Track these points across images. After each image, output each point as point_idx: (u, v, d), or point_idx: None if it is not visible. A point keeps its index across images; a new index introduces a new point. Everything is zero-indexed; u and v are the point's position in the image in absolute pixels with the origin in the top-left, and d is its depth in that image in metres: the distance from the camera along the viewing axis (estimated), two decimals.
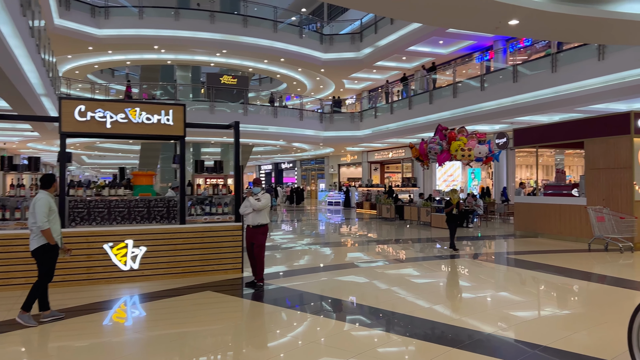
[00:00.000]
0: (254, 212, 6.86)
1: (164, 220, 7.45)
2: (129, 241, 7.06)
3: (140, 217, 7.33)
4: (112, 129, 6.93)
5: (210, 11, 24.10)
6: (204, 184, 7.82)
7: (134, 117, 6.95)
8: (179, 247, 7.37)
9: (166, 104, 7.29)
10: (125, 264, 7.10)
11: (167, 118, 7.13)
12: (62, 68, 27.17)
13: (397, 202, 20.09)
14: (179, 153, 7.50)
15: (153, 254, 7.24)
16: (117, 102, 7.01)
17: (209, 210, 7.76)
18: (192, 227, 7.45)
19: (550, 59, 15.57)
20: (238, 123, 7.85)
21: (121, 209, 7.18)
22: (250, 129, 25.38)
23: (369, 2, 7.83)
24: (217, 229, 7.58)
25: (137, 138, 7.39)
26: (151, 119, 7.06)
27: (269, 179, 51.93)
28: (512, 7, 7.51)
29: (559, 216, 12.85)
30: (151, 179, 7.58)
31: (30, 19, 12.24)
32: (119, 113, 6.91)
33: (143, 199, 7.30)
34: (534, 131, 14.09)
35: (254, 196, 6.91)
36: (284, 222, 20.83)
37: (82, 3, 22.16)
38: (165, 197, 7.42)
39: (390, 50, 23.86)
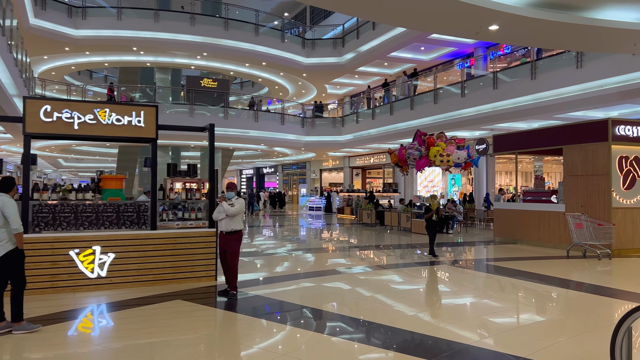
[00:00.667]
0: (228, 218, 6.63)
1: (134, 226, 7.17)
2: (97, 247, 6.76)
3: (109, 222, 7.02)
4: (79, 131, 6.63)
5: (190, 13, 23.80)
6: (181, 187, 7.56)
7: (104, 118, 6.66)
8: (149, 253, 7.09)
9: (137, 104, 7.03)
10: (93, 271, 6.79)
11: (139, 119, 6.86)
12: (38, 69, 26.55)
13: (377, 208, 20.00)
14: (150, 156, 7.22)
15: (122, 261, 6.94)
16: (86, 103, 6.73)
17: (181, 216, 7.50)
18: (163, 232, 7.17)
19: (529, 66, 15.69)
20: (213, 126, 7.62)
21: (88, 214, 6.87)
22: (231, 133, 25.09)
23: (349, 5, 7.70)
24: (189, 235, 7.32)
25: (106, 140, 7.11)
26: (121, 120, 6.78)
27: (250, 183, 51.52)
28: (492, 13, 7.46)
29: (538, 223, 12.86)
30: (121, 183, 7.30)
31: (1, 18, 11.87)
32: (87, 114, 6.62)
33: (112, 203, 7.01)
34: (514, 137, 14.13)
35: (228, 201, 6.69)
36: (264, 228, 20.56)
37: (58, 3, 21.67)
38: (135, 202, 7.14)
39: (372, 56, 23.86)
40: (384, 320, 5.72)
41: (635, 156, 11.31)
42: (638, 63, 12.26)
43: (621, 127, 11.11)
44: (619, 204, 11.08)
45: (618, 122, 11.17)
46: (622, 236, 11.07)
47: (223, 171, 32.66)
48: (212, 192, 7.50)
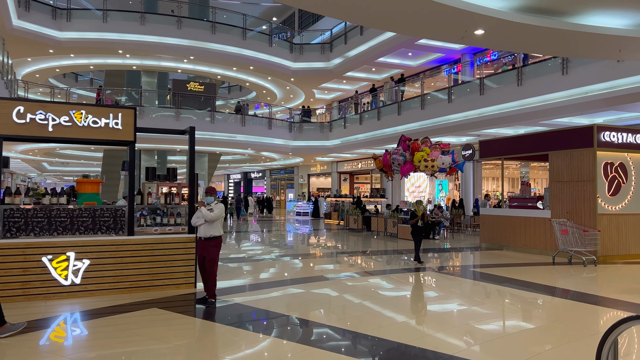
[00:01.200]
0: (206, 224, 6.45)
1: (110, 231, 6.94)
2: (71, 253, 6.52)
3: (84, 227, 6.79)
4: (54, 133, 6.40)
5: (177, 16, 23.61)
6: (161, 191, 7.36)
7: (79, 120, 6.45)
8: (126, 259, 6.86)
9: (115, 106, 6.83)
10: (66, 278, 6.56)
11: (116, 122, 6.65)
12: (22, 71, 26.14)
13: (364, 213, 19.89)
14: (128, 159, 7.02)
15: (97, 267, 6.71)
16: (61, 104, 6.52)
17: (160, 221, 7.30)
18: (141, 238, 6.96)
19: (516, 72, 15.73)
20: (193, 129, 7.44)
21: (63, 219, 6.63)
22: (217, 137, 24.89)
23: (335, 9, 7.60)
24: (168, 241, 7.11)
25: (82, 143, 6.89)
26: (98, 122, 6.57)
27: (238, 188, 51.20)
28: (478, 17, 7.40)
29: (524, 229, 12.84)
30: (97, 187, 7.07)
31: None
32: (62, 115, 6.39)
33: (88, 208, 6.78)
34: (500, 143, 14.13)
35: (207, 206, 6.51)
36: (250, 233, 20.34)
37: (42, 4, 21.36)
38: (112, 207, 6.92)
39: (360, 61, 23.85)
40: (368, 329, 5.57)
41: (620, 162, 11.34)
42: (622, 70, 12.33)
43: (606, 134, 11.14)
44: (604, 210, 11.08)
45: (603, 129, 11.19)
46: (608, 242, 11.07)
47: (210, 176, 32.38)
48: (192, 196, 7.31)
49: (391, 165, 10.20)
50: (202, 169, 30.73)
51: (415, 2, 6.83)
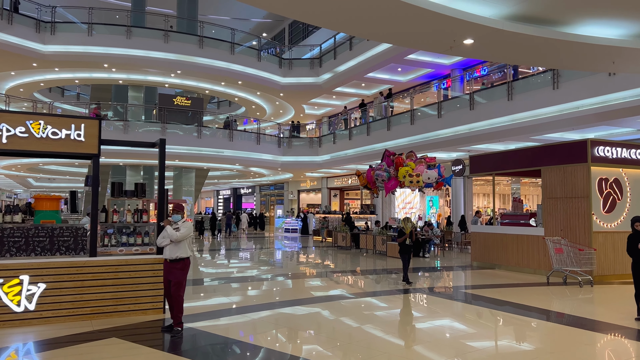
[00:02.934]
0: (172, 244, 5.93)
1: (70, 252, 6.39)
2: (25, 277, 5.96)
3: (41, 248, 6.23)
4: (8, 145, 5.88)
5: (164, 30, 23.28)
6: (127, 210, 6.83)
7: (37, 131, 5.95)
8: (87, 283, 6.30)
9: (78, 117, 6.35)
10: (19, 304, 5.98)
11: (78, 133, 6.15)
12: (5, 85, 25.60)
13: (352, 230, 19.39)
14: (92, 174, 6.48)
15: (54, 292, 6.15)
16: (17, 113, 6.02)
17: (126, 241, 6.76)
18: (104, 259, 6.41)
19: (506, 86, 15.50)
20: (164, 141, 6.97)
21: (17, 239, 6.06)
22: (204, 152, 24.42)
23: (318, 16, 7.25)
24: (134, 262, 6.56)
25: (40, 156, 6.41)
26: (58, 133, 6.07)
27: (227, 204, 50.57)
28: (467, 25, 7.05)
29: (516, 247, 12.40)
30: (56, 204, 6.55)
31: None
32: (18, 126, 5.88)
33: (45, 226, 6.23)
34: (490, 158, 13.77)
35: (173, 225, 6.00)
36: (237, 250, 19.74)
37: (26, 17, 20.95)
38: (72, 225, 6.38)
39: (349, 76, 23.61)
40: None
41: (615, 178, 10.99)
42: (613, 85, 12.07)
43: (600, 148, 10.80)
44: (599, 227, 10.68)
45: (597, 143, 10.85)
46: (604, 262, 10.65)
47: (197, 192, 31.81)
48: (161, 214, 6.80)
49: (375, 181, 9.74)
50: (189, 185, 30.17)
51: (401, 9, 6.46)
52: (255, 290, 10.05)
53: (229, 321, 6.89)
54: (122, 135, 23.04)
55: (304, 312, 7.58)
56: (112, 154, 23.29)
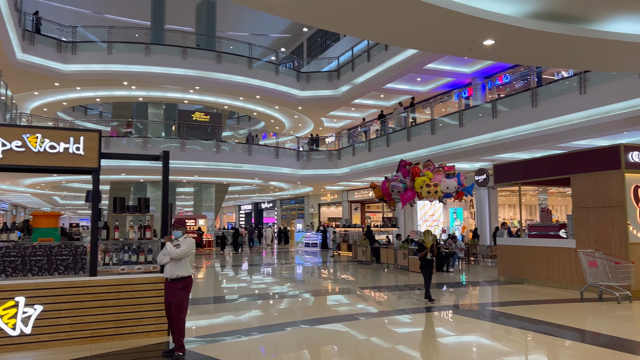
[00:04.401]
0: (172, 262, 5.59)
1: (69, 272, 6.11)
2: (20, 298, 5.68)
3: (38, 267, 5.96)
4: (4, 160, 5.65)
5: (182, 47, 23.39)
6: (130, 227, 6.54)
7: (34, 145, 5.72)
8: (87, 304, 5.99)
9: (77, 129, 6.13)
10: (14, 327, 5.69)
11: (77, 147, 5.90)
12: (30, 105, 26.09)
13: (373, 244, 18.84)
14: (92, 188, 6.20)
15: (52, 314, 5.84)
16: (14, 127, 5.81)
17: (128, 259, 6.46)
18: (104, 279, 6.11)
19: (530, 93, 14.92)
20: (167, 154, 6.68)
21: (12, 258, 5.81)
22: (223, 167, 24.31)
23: (335, 22, 6.94)
24: (137, 282, 6.24)
25: (38, 171, 6.17)
26: (56, 147, 5.83)
27: (249, 219, 50.49)
28: (487, 24, 6.61)
29: (546, 260, 11.72)
30: (55, 221, 6.30)
31: None
32: (14, 140, 5.67)
33: (43, 245, 5.97)
34: (516, 167, 13.15)
35: (174, 241, 5.67)
36: (255, 265, 19.39)
37: (47, 38, 21.30)
38: (71, 243, 6.11)
39: (368, 88, 23.30)
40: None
41: None
42: None
43: (634, 154, 10.12)
44: (636, 238, 9.96)
45: (631, 148, 10.18)
46: None
47: (218, 207, 31.73)
48: (165, 230, 6.48)
49: (391, 193, 9.25)
50: (210, 200, 30.12)
51: (418, 9, 6.08)
52: (273, 307, 9.66)
53: (242, 342, 6.48)
54: (141, 151, 23.08)
55: (325, 331, 7.15)
56: (133, 171, 23.38)
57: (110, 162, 22.21)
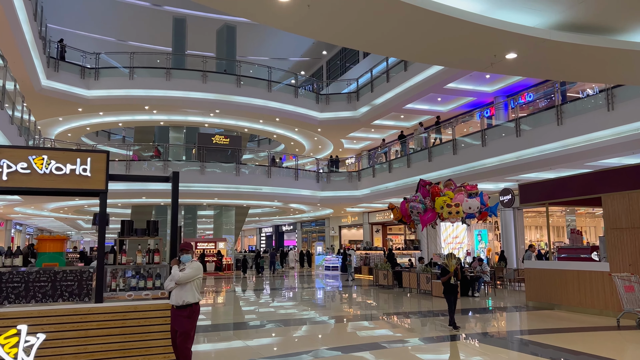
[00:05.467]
0: (178, 287, 5.32)
1: (74, 298, 5.87)
2: (23, 327, 5.45)
3: (42, 294, 5.74)
4: (9, 182, 5.50)
5: (202, 71, 23.63)
6: (138, 251, 6.31)
7: (40, 167, 5.57)
8: (92, 332, 5.73)
9: (84, 150, 5.98)
10: (16, 357, 5.45)
11: (84, 168, 5.74)
12: (54, 131, 26.62)
13: (395, 268, 18.31)
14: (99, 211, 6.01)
15: (55, 343, 5.58)
16: (20, 148, 5.70)
17: (135, 284, 6.21)
18: (110, 306, 5.85)
19: (555, 110, 14.46)
20: (177, 174, 6.48)
21: (15, 284, 5.60)
22: (243, 189, 24.22)
23: (359, 42, 6.77)
24: (144, 309, 5.96)
25: (44, 194, 6.02)
26: (63, 169, 5.68)
27: (270, 242, 50.26)
28: (510, 36, 6.33)
29: (577, 284, 11.09)
30: (61, 245, 6.11)
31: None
32: (19, 162, 5.52)
33: (47, 270, 5.76)
34: (542, 187, 12.64)
35: (181, 265, 5.40)
36: (275, 289, 19.02)
37: (71, 64, 21.76)
38: (76, 269, 5.89)
39: (387, 109, 23.08)
40: None
41: None
42: None
43: None
44: None
45: None
46: None
47: (238, 230, 31.58)
48: (174, 254, 6.23)
49: (410, 214, 8.87)
50: (230, 223, 30.01)
51: (438, 22, 5.83)
52: (293, 333, 9.29)
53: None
54: (161, 175, 23.16)
55: (348, 359, 6.77)
56: (154, 194, 23.45)
57: (131, 186, 22.43)
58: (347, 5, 5.58)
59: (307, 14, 5.70)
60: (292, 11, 5.59)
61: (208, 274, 25.96)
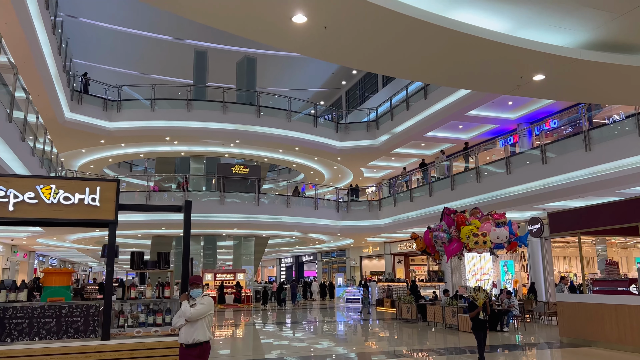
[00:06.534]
0: (188, 325, 4.98)
1: (79, 335, 5.58)
2: None
3: (46, 330, 5.46)
4: (15, 213, 5.32)
5: (222, 102, 23.82)
6: (148, 285, 6.01)
7: (48, 196, 5.38)
8: None
9: (93, 179, 5.82)
10: None
11: (93, 197, 5.53)
12: (77, 163, 27.00)
13: (418, 300, 17.64)
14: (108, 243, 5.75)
15: None
16: (27, 178, 5.54)
17: (144, 320, 5.89)
18: (117, 343, 5.54)
19: (582, 137, 13.96)
20: (189, 204, 6.23)
21: (19, 320, 5.34)
22: (262, 219, 24.01)
23: (379, 65, 6.56)
24: (152, 346, 5.62)
25: (51, 224, 5.82)
26: (71, 198, 5.48)
27: (290, 273, 49.65)
28: (537, 56, 6.03)
29: (615, 319, 10.39)
30: (67, 279, 5.85)
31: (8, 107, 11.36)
32: (27, 191, 5.34)
33: (52, 305, 5.48)
34: (574, 215, 12.05)
35: (191, 300, 5.08)
36: (294, 322, 18.48)
37: (94, 97, 22.16)
38: (83, 304, 5.61)
39: (408, 137, 22.84)
40: None
41: None
42: None
43: None
44: None
45: None
46: None
47: (257, 260, 31.23)
48: (186, 286, 5.92)
49: (434, 244, 8.45)
50: (249, 254, 29.71)
51: (462, 43, 5.57)
52: None
53: None
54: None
55: None
56: (174, 225, 23.36)
57: (151, 217, 22.41)
58: (366, 26, 5.37)
59: (323, 36, 5.49)
60: (309, 33, 5.40)
61: (227, 306, 25.54)
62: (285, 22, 5.15)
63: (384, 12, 5.04)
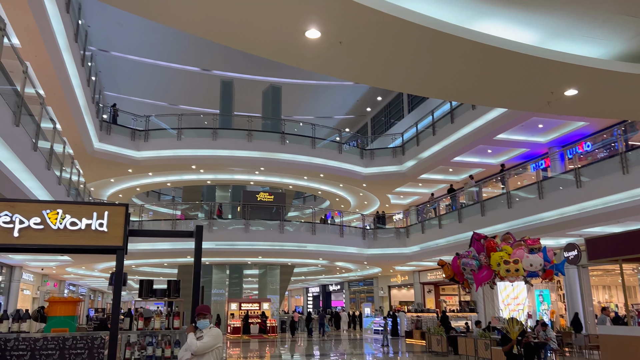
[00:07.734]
0: (195, 358, 4.65)
1: None
2: None
3: None
4: (20, 239, 5.13)
5: (247, 130, 23.94)
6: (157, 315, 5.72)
7: (54, 222, 5.21)
8: None
9: (101, 204, 5.65)
10: None
11: (101, 222, 5.32)
12: (106, 192, 27.41)
13: (449, 332, 16.84)
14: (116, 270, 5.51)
15: None
16: (33, 202, 5.40)
17: (152, 352, 5.57)
18: None
19: (619, 159, 13.28)
20: (201, 228, 5.96)
21: (21, 352, 5.08)
22: (287, 247, 23.73)
23: (398, 82, 6.29)
24: None
25: (57, 251, 5.64)
26: (78, 224, 5.28)
27: (317, 302, 48.81)
28: (569, 69, 5.65)
29: None
30: (73, 308, 5.62)
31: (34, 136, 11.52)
32: (32, 217, 5.17)
33: (56, 336, 5.22)
34: (614, 240, 11.33)
35: (198, 332, 4.76)
36: (324, 355, 17.88)
37: (122, 127, 22.57)
38: (87, 335, 5.34)
39: (434, 162, 22.35)
40: None
41: None
42: None
43: None
44: None
45: None
46: None
47: (283, 290, 30.76)
48: (194, 316, 5.60)
49: (463, 272, 7.93)
50: (275, 283, 29.31)
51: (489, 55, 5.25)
52: None
53: None
54: (207, 234, 23.04)
55: None
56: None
57: (177, 245, 22.37)
58: (385, 41, 5.10)
59: (339, 52, 5.25)
60: (323, 49, 5.17)
61: (252, 337, 25.05)
62: (299, 37, 4.95)
63: (404, 24, 4.78)
